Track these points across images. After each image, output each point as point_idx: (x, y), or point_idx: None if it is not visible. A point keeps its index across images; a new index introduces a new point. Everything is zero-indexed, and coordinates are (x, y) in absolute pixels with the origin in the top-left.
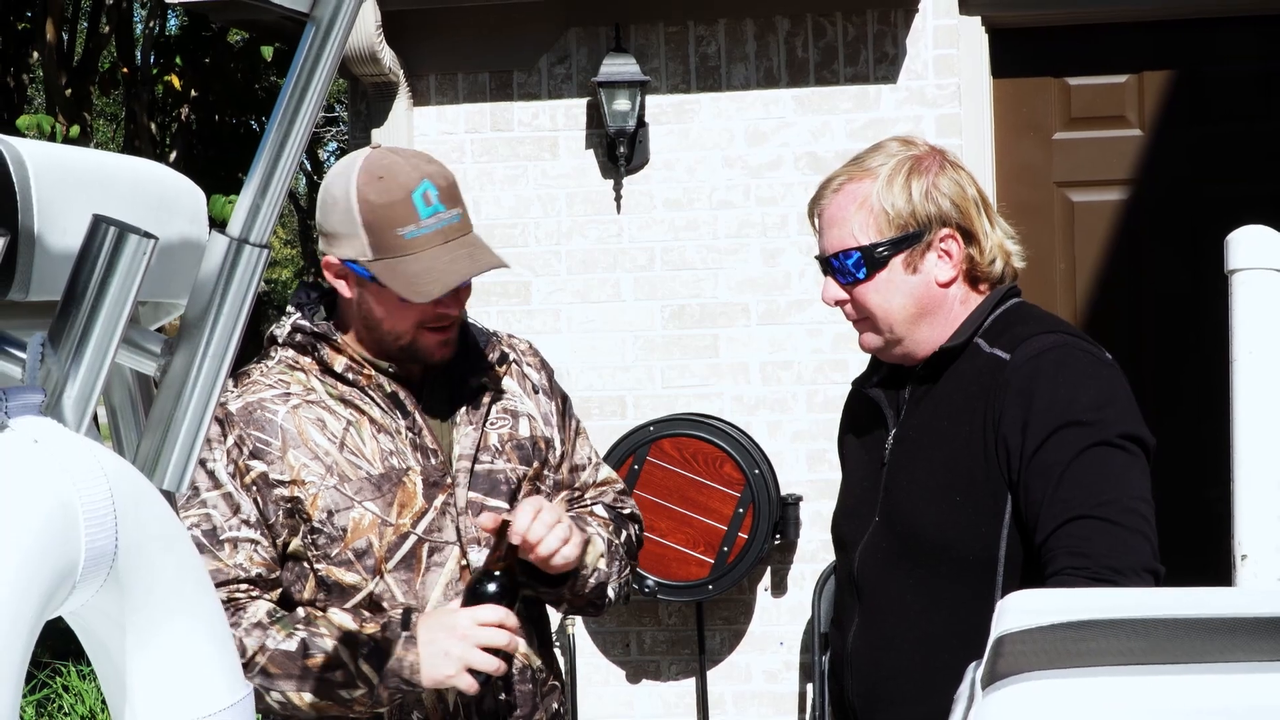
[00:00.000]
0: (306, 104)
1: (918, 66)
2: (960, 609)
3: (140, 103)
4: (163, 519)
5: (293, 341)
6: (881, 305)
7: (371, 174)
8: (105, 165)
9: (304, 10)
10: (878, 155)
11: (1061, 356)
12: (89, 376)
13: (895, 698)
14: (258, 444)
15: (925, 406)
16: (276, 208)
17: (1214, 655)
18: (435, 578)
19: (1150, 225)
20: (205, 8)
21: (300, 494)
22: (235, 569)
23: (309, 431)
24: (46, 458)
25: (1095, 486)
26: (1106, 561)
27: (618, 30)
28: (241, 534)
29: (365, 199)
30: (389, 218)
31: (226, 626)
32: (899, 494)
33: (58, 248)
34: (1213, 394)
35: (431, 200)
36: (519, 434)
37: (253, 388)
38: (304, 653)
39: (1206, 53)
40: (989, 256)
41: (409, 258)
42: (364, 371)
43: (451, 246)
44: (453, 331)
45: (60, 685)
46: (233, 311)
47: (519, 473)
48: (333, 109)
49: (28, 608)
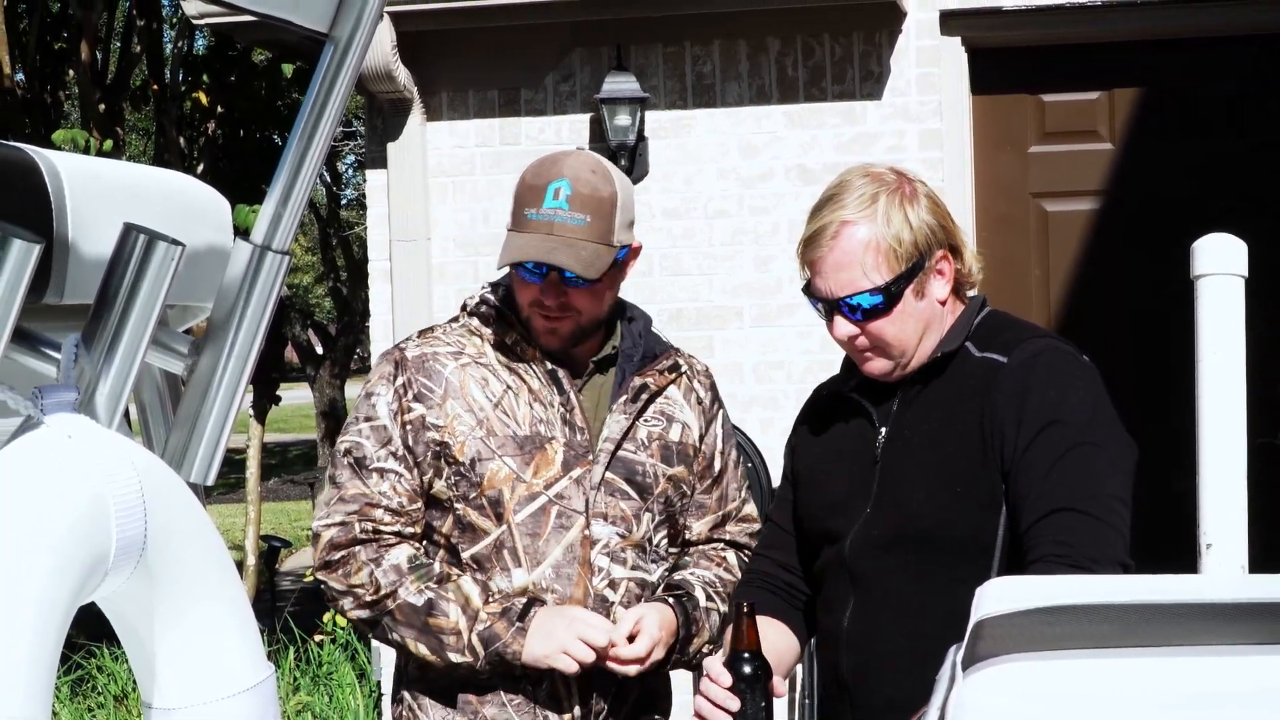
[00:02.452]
0: (325, 119)
1: (901, 84)
2: (954, 594)
3: (170, 118)
4: (190, 510)
5: (478, 311)
6: (898, 334)
7: (541, 161)
8: (135, 176)
9: (323, 30)
10: (855, 194)
11: (1053, 360)
12: (120, 375)
13: (889, 676)
14: (422, 389)
15: (918, 407)
16: (297, 216)
17: (1182, 639)
18: (558, 540)
19: (1121, 234)
20: (231, 28)
21: (449, 439)
22: (378, 495)
23: (470, 387)
24: (80, 452)
25: (1079, 482)
26: (1086, 552)
27: (619, 50)
28: (388, 465)
29: (524, 178)
30: (525, 197)
31: (250, 611)
32: (898, 488)
33: (90, 254)
34: (1179, 393)
35: (560, 196)
36: (669, 436)
37: (431, 341)
38: (429, 610)
39: (1174, 71)
40: (969, 265)
41: (517, 234)
42: (530, 349)
43: (551, 239)
44: (560, 324)
45: (94, 666)
46: (256, 314)
47: (659, 470)
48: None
49: (62, 594)
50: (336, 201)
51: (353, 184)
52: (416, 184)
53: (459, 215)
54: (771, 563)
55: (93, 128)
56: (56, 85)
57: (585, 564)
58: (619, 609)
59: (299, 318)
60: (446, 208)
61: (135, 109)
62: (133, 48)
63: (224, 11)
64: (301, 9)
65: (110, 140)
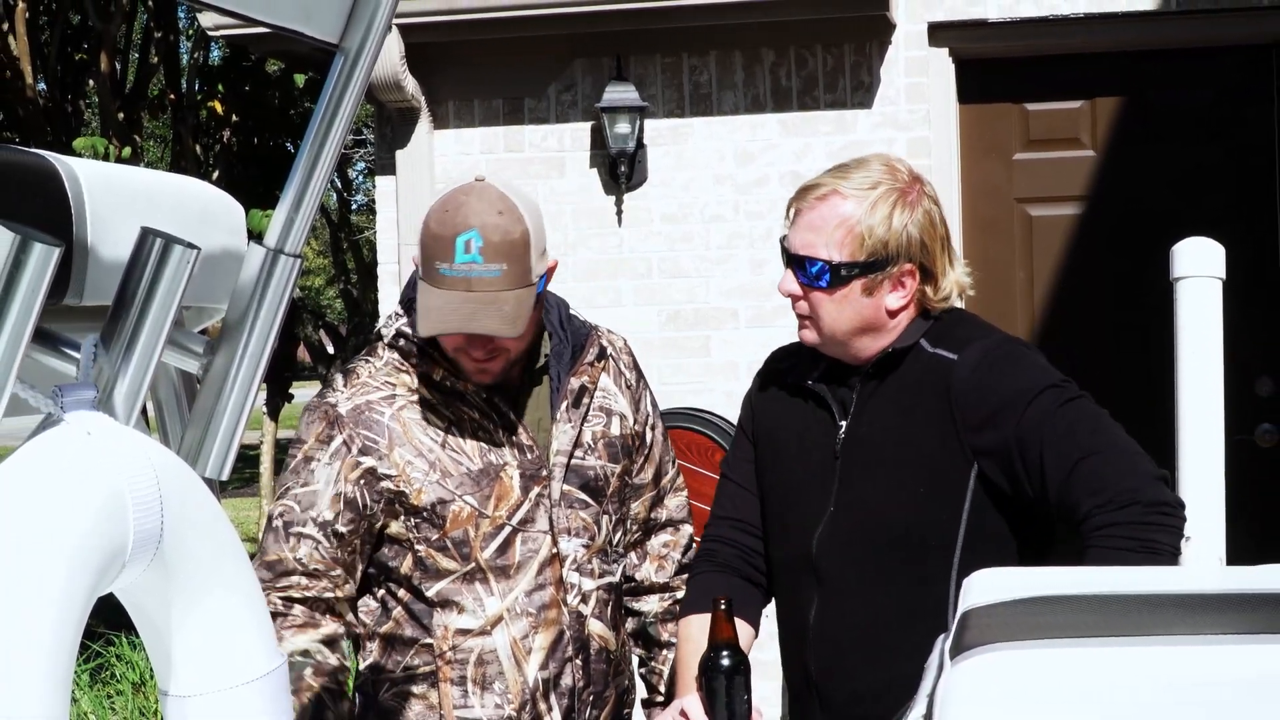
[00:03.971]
0: (336, 127)
1: (891, 93)
2: (917, 588)
3: (186, 126)
4: (204, 504)
5: (398, 345)
6: (831, 316)
7: (444, 206)
8: (152, 182)
9: (334, 42)
10: (864, 173)
11: (1008, 350)
12: (137, 374)
13: (855, 668)
14: (366, 442)
15: (875, 405)
16: (309, 221)
17: (1162, 629)
18: (528, 564)
19: (1102, 238)
20: (245, 40)
21: (404, 488)
22: (294, 562)
23: (413, 431)
24: (98, 448)
25: (1080, 433)
26: (1120, 484)
27: (619, 61)
28: (309, 530)
29: (428, 225)
30: (434, 248)
31: (263, 601)
32: (862, 488)
33: (109, 257)
34: (1159, 390)
35: (472, 249)
36: (611, 432)
37: (362, 390)
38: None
39: (1153, 81)
40: (943, 293)
41: (433, 290)
42: (461, 381)
43: (471, 297)
44: (491, 365)
45: (113, 655)
46: (269, 315)
47: (609, 469)
48: (361, 131)
49: (82, 585)
50: (347, 206)
51: (363, 190)
52: (424, 190)
53: None
54: (730, 525)
55: (112, 135)
56: (77, 95)
57: (558, 583)
58: (591, 623)
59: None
60: None
61: (153, 117)
62: (150, 59)
63: (239, 24)
64: (313, 21)
65: (129, 147)
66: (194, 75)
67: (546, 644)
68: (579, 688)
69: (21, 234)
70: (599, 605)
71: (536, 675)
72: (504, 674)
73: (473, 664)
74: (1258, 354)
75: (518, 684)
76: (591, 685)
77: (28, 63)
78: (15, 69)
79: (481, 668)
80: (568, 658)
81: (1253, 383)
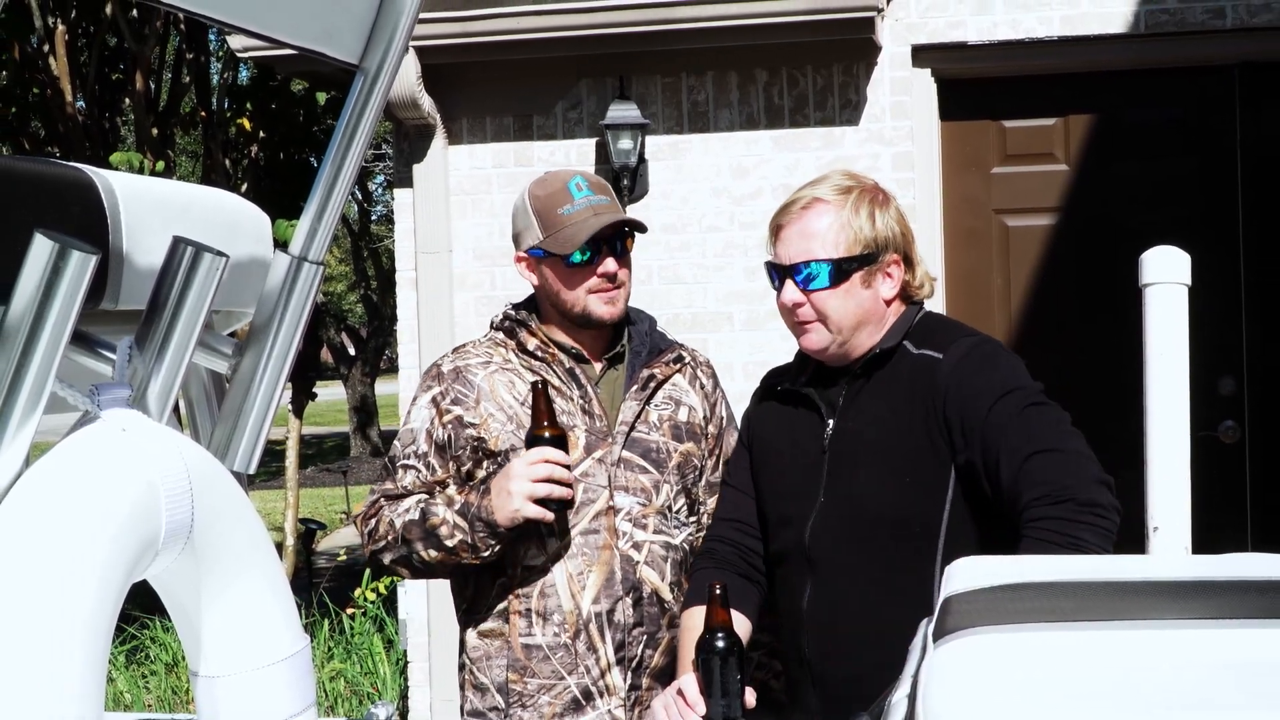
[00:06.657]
0: (356, 142)
1: (876, 111)
2: (904, 573)
3: (216, 142)
4: (233, 496)
5: (501, 326)
6: (839, 310)
7: (537, 181)
8: (184, 194)
9: (354, 62)
10: (833, 182)
11: (986, 350)
12: (169, 374)
13: (847, 652)
14: (458, 395)
15: (862, 401)
16: (331, 230)
17: (1133, 614)
18: (585, 511)
19: (1075, 246)
20: (272, 61)
21: (485, 435)
22: (402, 488)
23: (499, 390)
24: (133, 444)
25: (1037, 432)
26: (1061, 481)
27: (622, 81)
28: (409, 462)
29: (535, 195)
30: (550, 203)
31: (288, 587)
32: (850, 479)
33: (143, 264)
34: (1128, 390)
35: (583, 188)
36: (678, 417)
37: (463, 355)
38: (424, 517)
39: (1124, 100)
40: (919, 280)
41: (567, 228)
42: (550, 350)
43: (601, 214)
44: (617, 293)
45: (148, 637)
46: (294, 319)
47: (671, 446)
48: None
49: (117, 573)
50: (367, 217)
51: (382, 201)
52: (439, 201)
53: (477, 230)
54: (730, 526)
55: (146, 150)
56: (113, 112)
57: (611, 530)
58: (643, 569)
59: (333, 322)
60: (466, 223)
61: (185, 133)
62: (183, 78)
63: (266, 45)
64: (335, 43)
65: (162, 161)
66: (223, 94)
67: (599, 581)
68: (630, 624)
69: (60, 242)
70: (652, 556)
71: (590, 608)
72: (561, 606)
73: (536, 595)
74: (1221, 355)
75: (573, 615)
76: (644, 625)
77: (67, 82)
78: (56, 88)
79: (543, 600)
80: (619, 596)
81: (1216, 382)
